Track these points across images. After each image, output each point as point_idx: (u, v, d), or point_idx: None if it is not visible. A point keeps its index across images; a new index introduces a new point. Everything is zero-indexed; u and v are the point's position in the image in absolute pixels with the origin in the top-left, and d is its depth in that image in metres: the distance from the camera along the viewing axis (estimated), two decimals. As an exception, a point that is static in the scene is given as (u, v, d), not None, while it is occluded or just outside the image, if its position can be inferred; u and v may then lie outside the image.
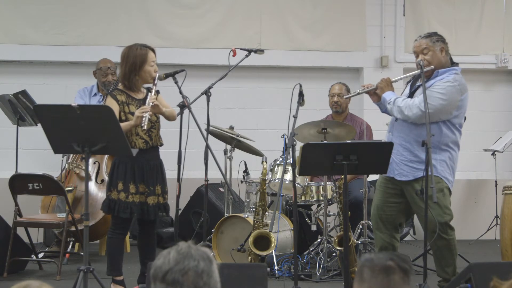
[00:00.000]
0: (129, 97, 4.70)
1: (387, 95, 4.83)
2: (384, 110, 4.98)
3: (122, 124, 4.45)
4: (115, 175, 4.67)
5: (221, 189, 6.63)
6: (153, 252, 4.86)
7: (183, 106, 4.85)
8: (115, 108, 4.57)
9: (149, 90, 4.78)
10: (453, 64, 4.81)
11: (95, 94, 6.58)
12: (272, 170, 5.83)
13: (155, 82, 4.71)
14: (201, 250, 1.98)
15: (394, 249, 4.90)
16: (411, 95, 4.84)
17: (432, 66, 4.69)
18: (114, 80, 6.43)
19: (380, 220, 4.89)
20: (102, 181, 6.13)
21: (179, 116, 4.86)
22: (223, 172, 5.32)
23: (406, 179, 4.77)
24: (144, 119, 4.50)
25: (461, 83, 4.70)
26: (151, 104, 4.59)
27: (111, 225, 4.79)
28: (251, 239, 5.17)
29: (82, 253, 4.40)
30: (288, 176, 5.64)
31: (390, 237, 4.89)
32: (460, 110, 4.74)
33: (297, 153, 4.62)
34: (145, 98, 4.74)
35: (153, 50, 4.75)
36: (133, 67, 4.68)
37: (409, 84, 4.99)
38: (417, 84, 4.86)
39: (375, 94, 4.92)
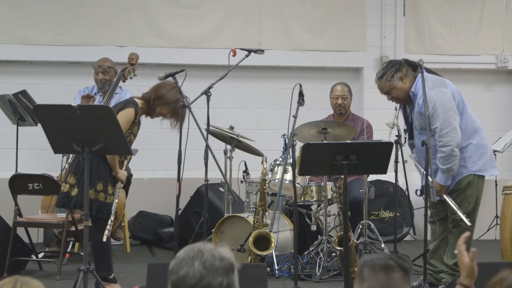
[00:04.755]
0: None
1: (441, 181, 4.68)
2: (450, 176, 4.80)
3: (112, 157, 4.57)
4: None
5: (221, 189, 6.62)
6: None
7: (183, 106, 4.86)
8: (129, 120, 4.64)
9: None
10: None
11: (95, 94, 6.57)
12: (272, 170, 5.83)
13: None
14: (225, 260, 1.96)
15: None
16: (406, 119, 4.85)
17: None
18: (106, 79, 6.34)
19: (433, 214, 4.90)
20: (102, 181, 6.11)
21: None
22: (223, 172, 5.32)
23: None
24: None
25: (434, 82, 4.70)
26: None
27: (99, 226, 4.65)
28: (251, 239, 5.17)
29: (82, 253, 4.40)
30: (288, 176, 5.64)
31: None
32: (458, 96, 4.76)
33: (297, 153, 4.62)
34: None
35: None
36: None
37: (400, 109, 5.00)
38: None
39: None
